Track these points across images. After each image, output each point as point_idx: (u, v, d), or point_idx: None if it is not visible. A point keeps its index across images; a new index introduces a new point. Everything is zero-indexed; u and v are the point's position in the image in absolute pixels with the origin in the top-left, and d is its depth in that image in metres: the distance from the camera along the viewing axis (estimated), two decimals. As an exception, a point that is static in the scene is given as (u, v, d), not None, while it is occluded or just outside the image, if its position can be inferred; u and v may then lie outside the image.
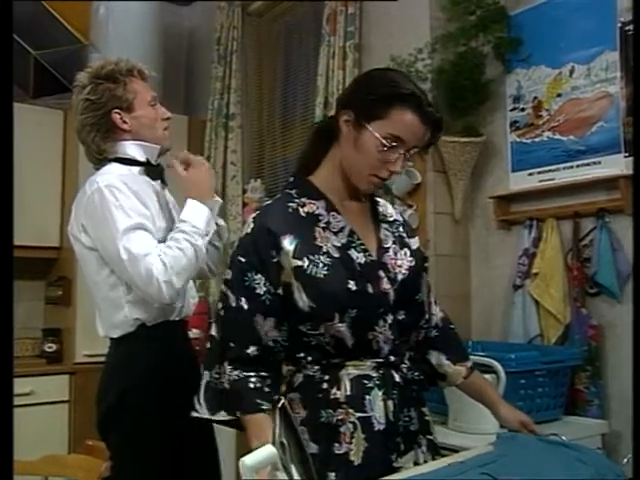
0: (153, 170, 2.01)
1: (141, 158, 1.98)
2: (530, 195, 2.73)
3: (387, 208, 1.64)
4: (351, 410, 1.41)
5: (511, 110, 2.83)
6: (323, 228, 1.46)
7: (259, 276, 1.42)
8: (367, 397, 1.42)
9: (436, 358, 1.65)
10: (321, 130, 1.58)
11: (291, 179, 1.57)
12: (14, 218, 1.73)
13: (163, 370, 1.89)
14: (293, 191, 1.52)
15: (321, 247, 1.43)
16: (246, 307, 1.42)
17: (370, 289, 1.43)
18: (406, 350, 1.51)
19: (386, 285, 1.45)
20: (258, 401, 1.38)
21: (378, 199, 1.64)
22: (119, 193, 1.82)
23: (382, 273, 1.46)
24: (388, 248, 1.51)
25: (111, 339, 1.95)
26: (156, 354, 1.90)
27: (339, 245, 1.45)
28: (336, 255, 1.43)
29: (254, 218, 1.48)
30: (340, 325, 1.40)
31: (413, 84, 1.45)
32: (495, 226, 2.87)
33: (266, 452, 1.10)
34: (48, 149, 4.01)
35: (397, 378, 1.46)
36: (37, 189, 3.89)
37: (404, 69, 2.80)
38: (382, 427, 1.41)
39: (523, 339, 2.60)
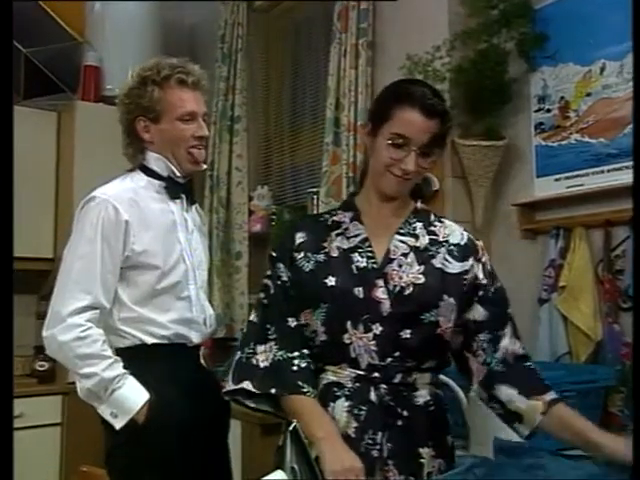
0: (174, 188, 1.98)
1: (163, 173, 1.97)
2: (557, 202, 2.71)
3: (444, 230, 1.67)
4: None
5: (536, 111, 2.81)
6: (338, 234, 1.62)
7: (281, 265, 1.63)
8: (332, 404, 1.52)
9: (505, 393, 1.60)
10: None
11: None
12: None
13: (162, 400, 1.86)
14: (337, 204, 1.78)
15: (324, 247, 1.61)
16: (279, 291, 1.61)
17: (360, 293, 1.53)
18: (406, 373, 1.54)
19: (381, 294, 1.53)
20: (300, 383, 1.51)
21: (444, 221, 1.70)
22: (104, 219, 1.86)
23: (380, 282, 1.54)
24: (393, 259, 1.57)
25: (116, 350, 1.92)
26: (156, 379, 1.86)
27: (345, 248, 1.59)
28: (334, 255, 1.59)
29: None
30: (314, 316, 1.55)
31: (420, 83, 1.66)
32: (519, 235, 2.85)
33: (276, 477, 1.10)
34: (41, 154, 4.02)
35: (372, 397, 1.51)
36: (29, 197, 3.88)
37: (421, 68, 2.80)
38: None
39: (550, 357, 2.57)
